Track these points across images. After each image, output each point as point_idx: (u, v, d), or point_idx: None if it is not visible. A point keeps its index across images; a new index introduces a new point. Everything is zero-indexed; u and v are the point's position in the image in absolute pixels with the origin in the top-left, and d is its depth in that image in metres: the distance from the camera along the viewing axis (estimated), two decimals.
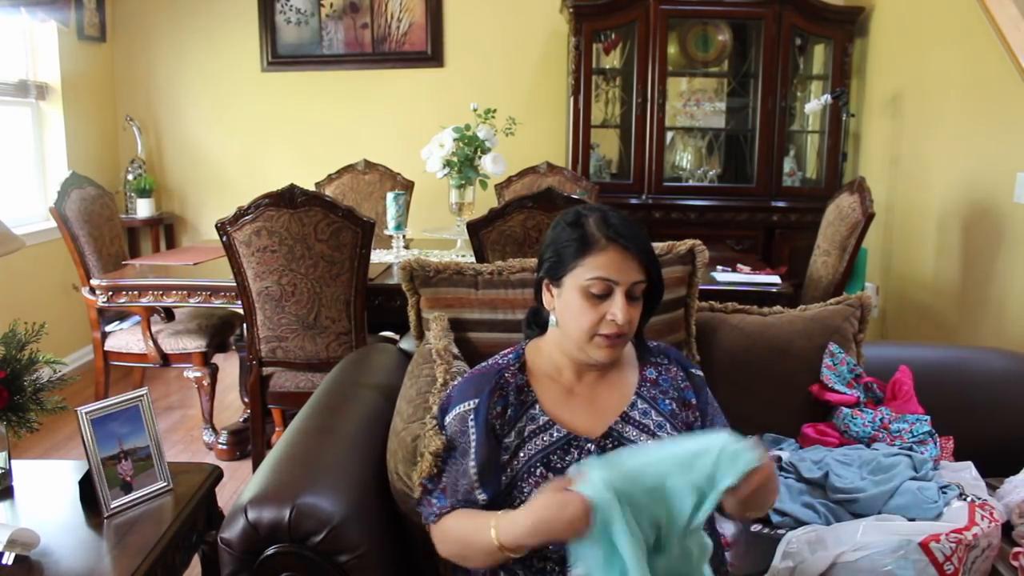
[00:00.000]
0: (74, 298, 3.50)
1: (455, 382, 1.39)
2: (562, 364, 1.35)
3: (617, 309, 1.24)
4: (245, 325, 2.65)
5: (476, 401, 1.29)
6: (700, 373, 1.41)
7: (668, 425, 1.31)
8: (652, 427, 1.30)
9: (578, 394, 1.33)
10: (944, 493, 1.52)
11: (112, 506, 1.56)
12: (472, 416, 1.27)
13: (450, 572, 1.39)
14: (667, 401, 1.34)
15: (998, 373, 1.96)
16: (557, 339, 1.34)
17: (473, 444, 1.26)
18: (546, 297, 1.34)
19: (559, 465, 1.26)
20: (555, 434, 1.28)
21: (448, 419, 1.30)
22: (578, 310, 1.27)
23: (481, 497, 1.23)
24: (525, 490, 1.24)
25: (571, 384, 1.34)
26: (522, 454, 1.26)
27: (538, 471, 1.25)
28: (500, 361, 1.37)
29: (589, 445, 1.28)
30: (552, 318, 1.34)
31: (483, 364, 1.40)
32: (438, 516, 1.25)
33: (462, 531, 1.22)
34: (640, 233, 1.30)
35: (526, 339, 1.43)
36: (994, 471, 1.69)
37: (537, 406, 1.31)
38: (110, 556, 1.43)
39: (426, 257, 1.83)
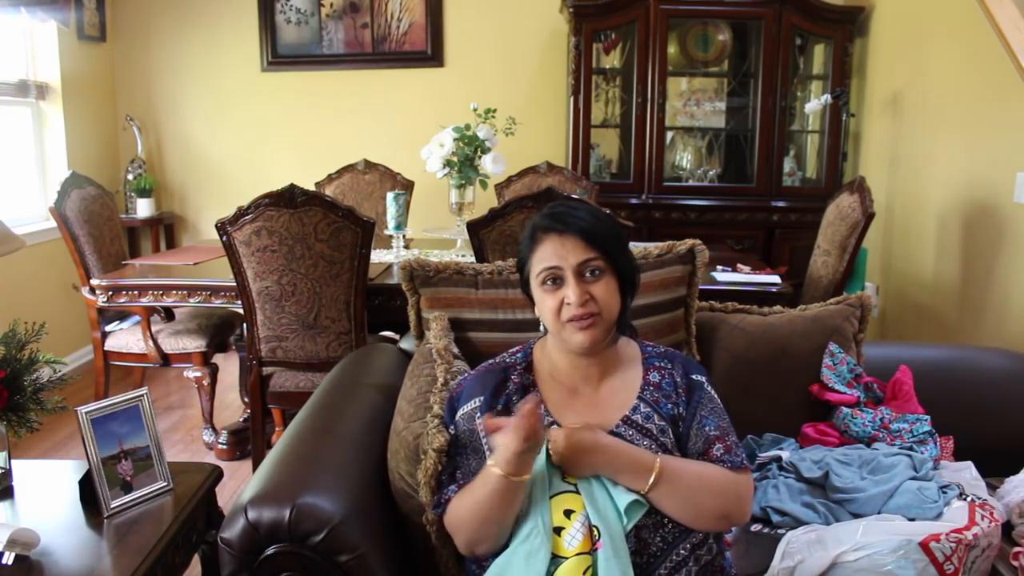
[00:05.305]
0: (74, 298, 3.50)
1: (462, 378, 1.42)
2: (563, 364, 1.36)
3: (568, 290, 1.29)
4: (245, 325, 2.65)
5: (480, 400, 1.33)
6: (700, 378, 1.36)
7: (670, 430, 1.30)
8: (655, 431, 1.29)
9: (582, 395, 1.34)
10: (944, 493, 1.51)
11: (112, 506, 1.55)
12: (478, 415, 1.31)
13: (452, 572, 1.39)
14: (669, 405, 1.33)
15: (998, 373, 1.95)
16: (550, 339, 1.37)
17: (484, 442, 1.28)
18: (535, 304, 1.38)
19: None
20: None
21: (458, 416, 1.34)
22: (541, 303, 1.33)
23: None
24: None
25: (575, 385, 1.35)
26: None
27: None
28: (507, 359, 1.40)
29: None
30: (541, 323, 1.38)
31: (490, 361, 1.43)
32: (446, 503, 1.27)
33: (470, 495, 1.23)
34: (583, 215, 1.32)
35: (535, 339, 1.44)
36: (994, 471, 1.69)
37: (541, 406, 1.31)
38: (110, 556, 1.43)
39: (426, 257, 1.83)
